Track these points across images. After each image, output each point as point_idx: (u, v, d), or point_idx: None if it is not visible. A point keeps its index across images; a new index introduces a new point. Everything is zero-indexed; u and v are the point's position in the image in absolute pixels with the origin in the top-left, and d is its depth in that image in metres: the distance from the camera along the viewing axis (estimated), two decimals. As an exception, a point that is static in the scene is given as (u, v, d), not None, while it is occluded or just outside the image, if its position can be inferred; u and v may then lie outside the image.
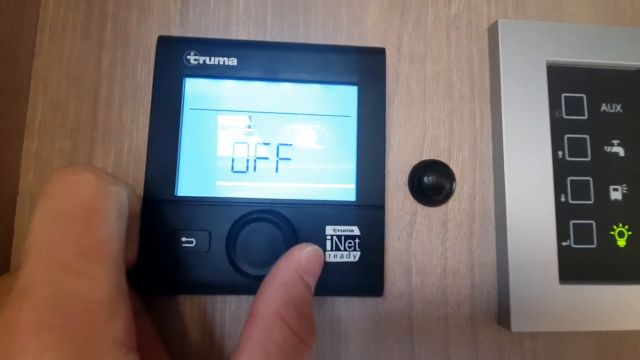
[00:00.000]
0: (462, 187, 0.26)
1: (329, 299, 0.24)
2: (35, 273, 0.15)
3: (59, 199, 0.17)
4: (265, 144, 0.24)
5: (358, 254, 0.23)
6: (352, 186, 0.24)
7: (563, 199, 0.25)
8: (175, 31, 0.26)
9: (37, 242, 0.16)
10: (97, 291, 0.15)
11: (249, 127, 0.24)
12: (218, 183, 0.24)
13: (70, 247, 0.15)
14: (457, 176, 0.26)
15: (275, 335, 0.18)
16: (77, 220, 0.16)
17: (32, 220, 0.16)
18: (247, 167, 0.24)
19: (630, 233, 0.25)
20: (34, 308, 0.14)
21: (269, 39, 0.26)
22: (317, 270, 0.20)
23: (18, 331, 0.14)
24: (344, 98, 0.25)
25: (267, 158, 0.24)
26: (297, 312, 0.18)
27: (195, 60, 0.24)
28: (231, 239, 0.22)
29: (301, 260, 0.20)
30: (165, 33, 0.26)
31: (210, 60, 0.24)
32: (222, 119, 0.24)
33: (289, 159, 0.24)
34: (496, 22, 0.26)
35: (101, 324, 0.15)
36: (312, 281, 0.20)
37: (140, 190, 0.23)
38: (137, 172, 0.24)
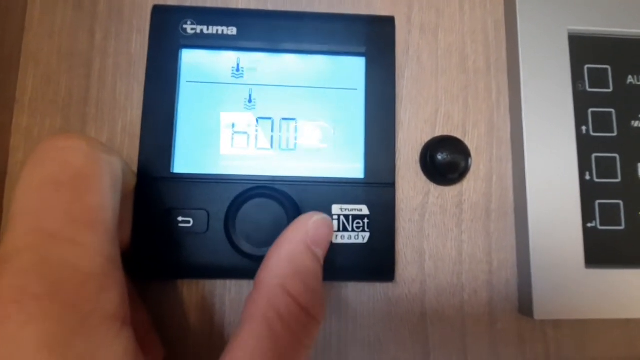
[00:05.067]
0: (478, 165, 0.24)
1: (335, 284, 0.23)
2: (19, 240, 0.14)
3: (47, 165, 0.15)
4: (266, 118, 0.23)
5: (367, 235, 0.22)
6: (360, 163, 0.22)
7: (588, 178, 0.23)
8: (172, 0, 0.24)
9: (22, 209, 0.14)
10: (88, 261, 0.14)
11: (250, 100, 0.23)
12: (216, 160, 0.22)
13: (59, 214, 0.14)
14: (472, 154, 0.24)
15: (279, 307, 0.16)
16: (67, 186, 0.15)
17: (17, 187, 0.15)
18: (248, 143, 0.22)
19: (661, 214, 0.24)
20: (17, 275, 0.13)
21: (270, 8, 0.25)
22: (326, 241, 0.19)
23: (0, 300, 0.12)
24: (350, 70, 0.23)
25: (268, 133, 0.22)
26: (303, 284, 0.17)
27: (192, 29, 0.23)
28: (230, 218, 0.20)
29: (309, 229, 0.18)
30: (161, 3, 0.24)
31: (208, 29, 0.23)
32: (220, 92, 0.23)
33: (292, 135, 0.23)
34: (513, -11, 0.25)
35: (92, 296, 0.14)
36: (320, 252, 0.18)
37: (134, 168, 0.21)
38: (131, 150, 0.23)
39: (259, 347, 0.15)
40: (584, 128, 0.24)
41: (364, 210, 0.22)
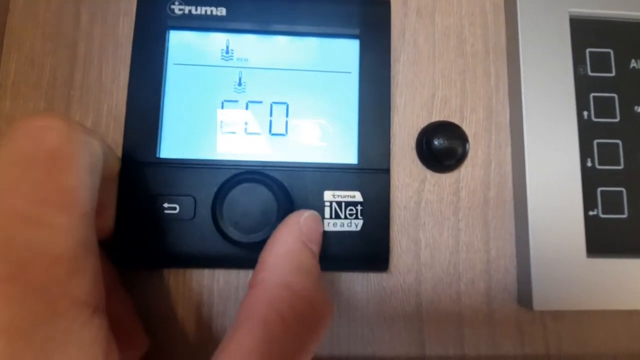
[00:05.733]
0: (476, 151, 0.23)
1: (327, 273, 0.22)
2: None
3: (20, 143, 0.14)
4: (257, 102, 0.22)
5: (360, 222, 0.21)
6: (354, 148, 0.22)
7: (589, 164, 0.23)
8: (160, -18, 0.24)
9: None
10: (58, 243, 0.13)
11: (239, 84, 0.22)
12: (204, 145, 0.21)
13: (29, 193, 0.13)
14: (470, 139, 0.23)
15: (281, 308, 0.15)
16: (39, 165, 0.14)
17: None
18: (237, 128, 0.22)
19: (665, 202, 0.23)
20: None
21: (261, -12, 0.24)
22: (318, 237, 0.18)
23: None
24: (344, 52, 0.22)
25: (259, 118, 0.22)
26: (308, 280, 0.16)
27: (180, 10, 0.22)
28: (218, 204, 0.20)
29: (301, 226, 0.18)
30: (148, -16, 0.23)
31: (196, 10, 0.22)
32: (209, 75, 0.22)
33: (283, 119, 0.22)
34: (513, -30, 0.24)
35: (60, 280, 0.13)
36: (315, 249, 0.18)
37: (119, 152, 0.21)
38: (116, 134, 0.22)
39: (255, 351, 0.14)
40: (585, 113, 0.23)
41: (357, 196, 0.21)
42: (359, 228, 0.21)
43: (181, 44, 0.22)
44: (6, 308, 0.12)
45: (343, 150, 0.22)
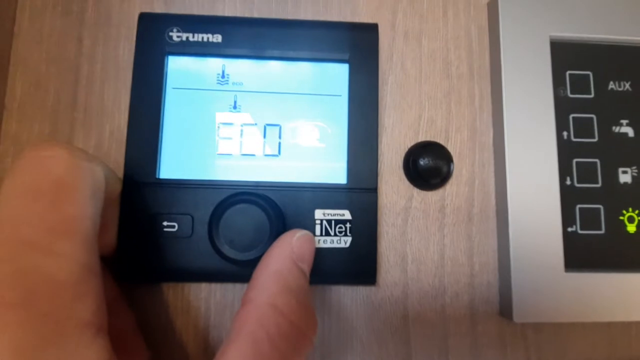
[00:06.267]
0: (460, 170, 0.24)
1: (318, 287, 0.23)
2: None
3: (27, 174, 0.16)
4: (251, 124, 0.23)
5: (349, 239, 0.22)
6: (343, 169, 0.23)
7: (568, 182, 0.24)
8: (159, 8, 0.25)
9: (2, 218, 0.15)
10: (64, 269, 0.14)
11: (235, 107, 0.23)
12: (202, 165, 0.22)
13: (37, 223, 0.15)
14: (455, 159, 0.24)
15: (268, 326, 0.16)
16: (46, 195, 0.15)
17: None
18: (233, 149, 0.23)
19: (640, 218, 0.24)
20: None
21: (256, 15, 0.25)
22: (310, 256, 0.19)
23: None
24: (334, 76, 0.23)
25: (253, 139, 0.23)
26: (294, 300, 0.17)
27: (177, 37, 0.23)
28: (214, 223, 0.21)
29: (293, 246, 0.19)
30: (148, 10, 0.24)
31: (193, 37, 0.23)
32: (206, 99, 0.23)
33: (276, 140, 0.23)
34: (496, -4, 0.25)
35: (66, 304, 0.14)
36: (306, 268, 0.19)
37: (121, 173, 0.22)
38: (118, 155, 0.23)
39: None
40: (565, 133, 0.24)
41: (347, 215, 0.22)
42: (347, 245, 0.22)
43: (179, 69, 0.23)
44: (18, 332, 0.13)
45: (333, 170, 0.23)
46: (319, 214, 0.22)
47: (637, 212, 0.24)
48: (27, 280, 0.14)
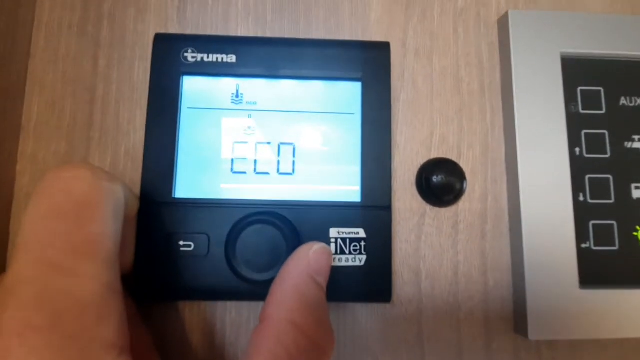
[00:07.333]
0: (473, 186, 0.25)
1: (333, 304, 0.23)
2: (22, 271, 0.14)
3: (51, 195, 0.16)
4: (266, 143, 0.23)
5: (364, 257, 0.22)
6: (357, 187, 0.23)
7: (582, 199, 0.24)
8: (173, 29, 0.25)
9: (27, 240, 0.15)
10: (88, 290, 0.14)
11: (249, 126, 0.23)
12: (217, 184, 0.23)
13: (61, 244, 0.15)
14: (467, 175, 0.24)
15: (287, 343, 0.16)
16: (69, 216, 0.15)
17: (24, 218, 0.16)
18: (247, 168, 0.23)
19: (654, 234, 0.24)
20: (20, 308, 0.13)
21: (269, 35, 0.25)
22: (326, 269, 0.19)
23: (2, 332, 0.13)
24: (347, 95, 0.24)
25: (268, 158, 0.23)
26: (312, 316, 0.17)
27: (192, 57, 0.23)
28: (231, 243, 0.21)
29: (310, 259, 0.19)
30: (162, 31, 0.25)
31: (208, 57, 0.23)
32: (221, 118, 0.23)
33: (290, 159, 0.23)
34: (506, 13, 0.25)
35: (91, 325, 0.14)
36: (323, 281, 0.19)
37: (136, 192, 0.22)
38: (134, 174, 0.24)
39: None
40: (577, 150, 0.24)
41: (361, 233, 0.22)
42: (362, 263, 0.22)
43: (194, 89, 0.23)
44: (46, 356, 0.13)
45: (347, 189, 0.23)
46: (333, 232, 0.22)
47: (650, 227, 0.24)
48: (53, 303, 0.14)
